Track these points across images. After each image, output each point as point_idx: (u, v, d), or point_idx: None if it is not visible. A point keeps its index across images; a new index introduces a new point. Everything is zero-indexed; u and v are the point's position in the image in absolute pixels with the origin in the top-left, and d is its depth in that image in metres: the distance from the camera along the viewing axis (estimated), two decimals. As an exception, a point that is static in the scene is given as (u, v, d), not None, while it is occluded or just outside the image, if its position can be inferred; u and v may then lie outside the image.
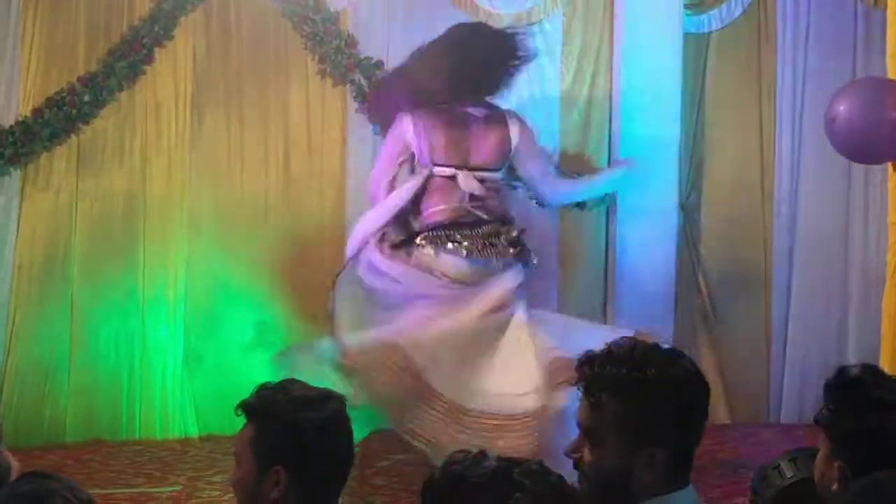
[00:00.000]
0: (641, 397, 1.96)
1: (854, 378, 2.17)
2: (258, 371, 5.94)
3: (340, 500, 2.26)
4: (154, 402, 5.93)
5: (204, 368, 5.97)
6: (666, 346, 2.07)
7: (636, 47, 6.15)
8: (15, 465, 2.41)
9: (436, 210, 5.17)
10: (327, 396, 2.30)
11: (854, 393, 2.13)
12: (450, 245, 5.10)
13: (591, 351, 2.02)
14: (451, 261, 5.08)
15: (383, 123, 5.48)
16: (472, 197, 5.17)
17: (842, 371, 2.18)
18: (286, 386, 2.35)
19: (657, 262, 6.19)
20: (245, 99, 6.02)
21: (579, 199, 6.09)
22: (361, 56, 5.98)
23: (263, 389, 2.32)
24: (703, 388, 2.04)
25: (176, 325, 5.95)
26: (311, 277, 5.96)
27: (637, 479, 1.96)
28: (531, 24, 6.25)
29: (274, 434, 2.24)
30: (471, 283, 5.07)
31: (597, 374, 1.98)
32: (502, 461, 1.75)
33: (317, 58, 6.01)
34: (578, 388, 2.01)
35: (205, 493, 5.14)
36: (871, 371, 2.20)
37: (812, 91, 6.41)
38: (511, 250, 5.19)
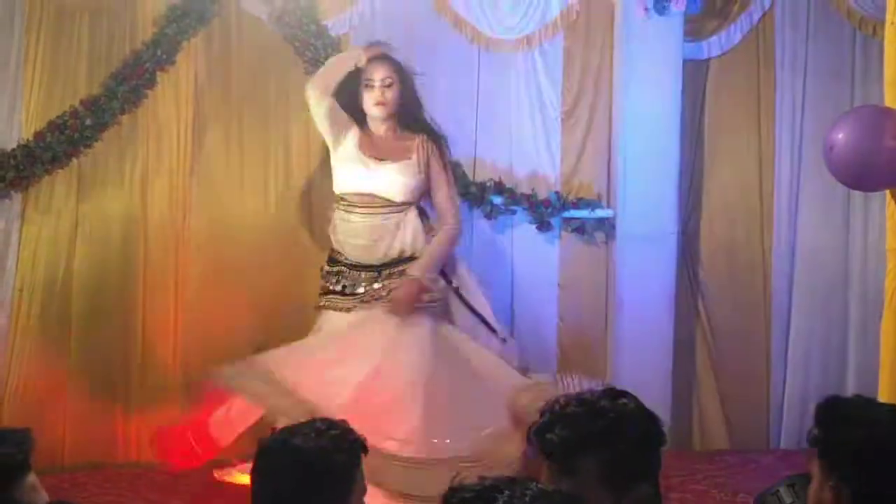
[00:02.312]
0: (615, 444, 1.97)
1: (843, 398, 2.20)
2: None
3: None
4: (153, 425, 5.91)
5: (203, 393, 5.95)
6: (589, 387, 2.09)
7: (636, 73, 6.18)
8: (44, 497, 2.47)
9: None
10: (289, 436, 2.40)
11: (844, 410, 2.16)
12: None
13: (534, 422, 2.01)
14: None
15: None
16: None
17: (830, 397, 2.21)
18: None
19: (657, 287, 6.20)
20: (246, 123, 6.04)
21: None
22: (362, 81, 6.01)
23: None
24: (652, 414, 2.07)
25: (175, 348, 5.94)
26: (311, 300, 5.96)
27: None
28: (531, 49, 6.29)
29: None
30: None
31: (561, 439, 1.97)
32: (503, 481, 1.73)
33: (318, 83, 6.03)
34: (542, 460, 2.00)
35: (203, 517, 5.14)
36: (861, 397, 2.23)
37: (811, 118, 6.43)
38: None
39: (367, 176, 5.00)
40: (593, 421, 1.97)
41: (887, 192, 4.57)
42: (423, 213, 5.29)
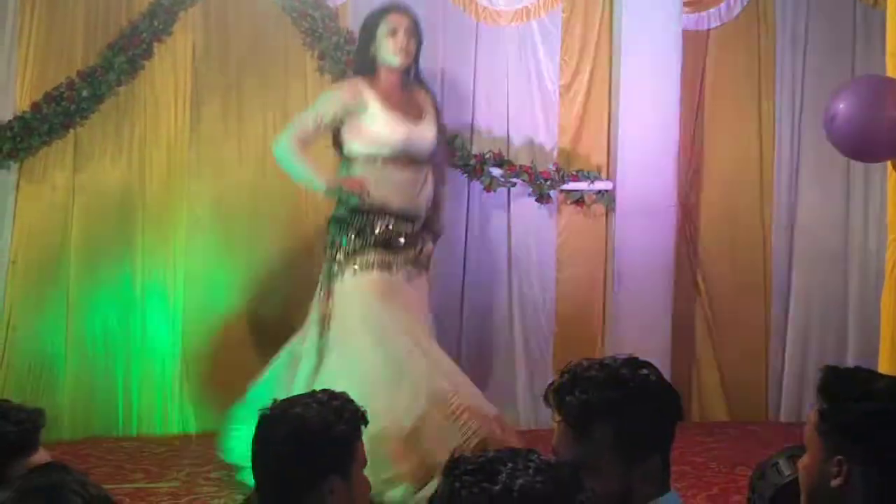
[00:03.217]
0: (632, 414, 1.96)
1: (845, 371, 2.17)
2: (256, 368, 5.95)
3: None
4: (152, 398, 5.92)
5: (202, 364, 5.97)
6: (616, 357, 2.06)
7: (635, 44, 6.14)
8: None
9: None
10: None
11: (848, 385, 2.13)
12: None
13: (554, 381, 2.00)
14: None
15: None
16: None
17: (831, 369, 2.18)
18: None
19: (656, 260, 6.18)
20: (244, 94, 6.01)
21: None
22: (360, 52, 5.97)
23: None
24: (672, 387, 2.06)
25: (174, 321, 5.94)
26: (309, 273, 5.95)
27: (638, 492, 1.96)
28: (529, 20, 6.25)
29: None
30: None
31: (580, 402, 1.96)
32: (505, 453, 1.72)
33: (316, 54, 6.00)
34: (557, 422, 1.99)
35: (203, 489, 5.14)
36: (862, 369, 2.20)
37: (811, 89, 6.41)
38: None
39: (408, 135, 5.02)
40: (613, 388, 1.97)
41: (888, 163, 4.56)
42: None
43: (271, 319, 5.91)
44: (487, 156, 6.12)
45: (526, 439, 4.96)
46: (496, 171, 6.12)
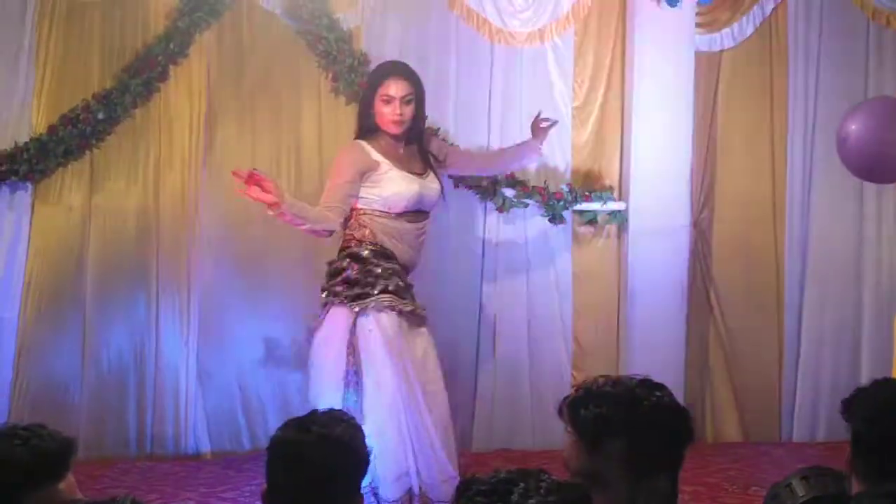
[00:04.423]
0: (644, 432, 1.98)
1: (870, 397, 2.20)
2: (269, 388, 5.97)
3: None
4: (167, 418, 5.93)
5: (216, 385, 5.98)
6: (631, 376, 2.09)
7: (648, 66, 6.16)
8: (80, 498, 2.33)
9: None
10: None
11: (864, 412, 2.16)
12: None
13: (569, 395, 2.03)
14: None
15: None
16: None
17: (868, 389, 2.22)
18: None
19: (669, 280, 6.19)
20: (258, 116, 6.05)
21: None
22: (374, 74, 6.00)
23: None
24: (685, 409, 2.09)
25: (189, 342, 5.95)
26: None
27: None
28: (543, 42, 6.28)
29: None
30: None
31: (594, 416, 1.98)
32: (517, 473, 1.73)
33: (330, 76, 6.04)
34: (569, 433, 2.01)
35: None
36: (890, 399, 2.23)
37: (824, 109, 6.41)
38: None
39: (420, 191, 4.97)
40: (627, 405, 1.99)
41: (901, 182, 4.57)
42: None
43: (285, 340, 5.93)
44: (500, 176, 6.14)
45: (538, 460, 4.97)
46: (509, 192, 6.14)
